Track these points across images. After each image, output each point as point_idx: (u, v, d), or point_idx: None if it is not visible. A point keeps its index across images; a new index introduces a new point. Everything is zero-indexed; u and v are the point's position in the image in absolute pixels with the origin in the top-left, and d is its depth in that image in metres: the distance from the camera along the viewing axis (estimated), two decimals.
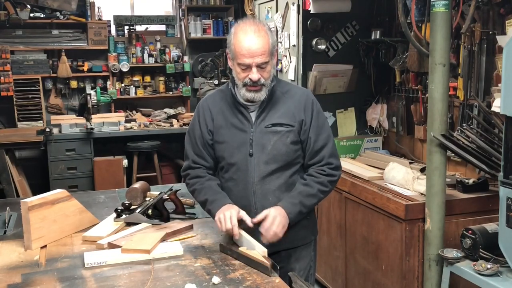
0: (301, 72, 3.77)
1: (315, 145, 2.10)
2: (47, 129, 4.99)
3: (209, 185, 2.13)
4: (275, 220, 1.97)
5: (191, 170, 2.19)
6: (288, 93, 2.13)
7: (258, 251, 1.87)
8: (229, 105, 2.13)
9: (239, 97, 2.09)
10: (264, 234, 1.97)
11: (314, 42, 3.74)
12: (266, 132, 2.08)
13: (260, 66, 1.99)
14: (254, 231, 2.00)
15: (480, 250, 2.34)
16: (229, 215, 1.96)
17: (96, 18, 5.87)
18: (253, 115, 2.10)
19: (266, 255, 1.87)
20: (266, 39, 1.98)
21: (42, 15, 5.67)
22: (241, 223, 2.01)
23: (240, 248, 1.93)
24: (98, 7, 5.91)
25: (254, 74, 1.98)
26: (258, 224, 2.00)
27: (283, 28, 4.03)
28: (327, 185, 2.10)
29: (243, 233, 2.00)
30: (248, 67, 1.99)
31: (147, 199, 2.54)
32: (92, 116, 5.45)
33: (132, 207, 2.38)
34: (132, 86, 6.06)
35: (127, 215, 2.32)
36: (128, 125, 5.59)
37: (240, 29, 2.00)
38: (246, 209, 2.08)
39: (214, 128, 2.14)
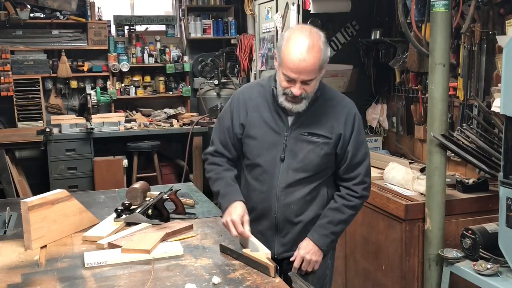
0: None
1: (353, 160, 2.03)
2: (47, 129, 4.99)
3: (223, 176, 2.09)
4: (309, 262, 2.05)
5: (211, 156, 2.15)
6: (331, 101, 2.04)
7: (262, 253, 1.87)
8: (267, 103, 2.05)
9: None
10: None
11: None
12: (300, 140, 2.01)
13: (305, 82, 1.90)
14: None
15: (480, 250, 2.34)
16: (232, 223, 1.95)
17: (96, 18, 5.87)
18: (290, 119, 2.02)
19: (270, 257, 1.87)
20: (317, 56, 1.86)
21: (42, 15, 5.67)
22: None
23: (244, 250, 1.93)
24: (98, 7, 5.91)
25: (297, 90, 1.90)
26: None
27: (283, 28, 4.02)
28: (358, 207, 2.07)
29: (252, 238, 1.99)
30: (292, 80, 1.89)
31: (147, 199, 2.54)
32: (92, 116, 5.44)
33: (132, 207, 2.38)
34: (132, 86, 6.06)
35: (127, 215, 2.32)
36: (128, 125, 5.59)
37: (294, 38, 1.88)
38: (265, 211, 2.08)
39: (247, 123, 2.06)
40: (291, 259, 2.06)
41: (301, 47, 1.85)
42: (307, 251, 2.04)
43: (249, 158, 2.10)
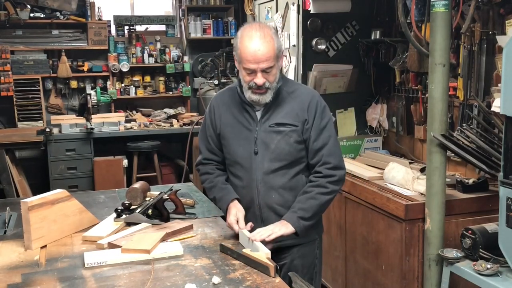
0: (301, 72, 3.77)
1: (315, 145, 2.13)
2: (47, 129, 4.98)
3: (215, 183, 2.24)
4: (267, 228, 2.04)
5: (202, 166, 2.32)
6: (294, 93, 2.17)
7: (262, 253, 1.87)
8: (236, 104, 2.19)
9: (245, 97, 2.13)
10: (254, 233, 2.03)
11: (314, 42, 3.74)
12: (270, 131, 2.13)
13: (265, 71, 2.02)
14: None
15: (480, 250, 2.34)
16: (230, 222, 2.11)
17: (96, 18, 5.87)
18: (258, 114, 2.15)
19: (270, 257, 1.87)
20: (271, 44, 2.00)
21: (42, 15, 5.67)
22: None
23: (244, 250, 1.93)
24: (98, 7, 5.91)
25: (259, 79, 2.03)
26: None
27: (283, 28, 4.03)
28: (327, 186, 2.11)
29: (248, 234, 2.00)
30: (253, 72, 2.03)
31: (147, 199, 2.54)
32: (92, 116, 5.45)
33: (132, 207, 2.38)
34: (132, 86, 6.05)
35: (127, 215, 2.33)
36: (128, 125, 5.59)
37: (246, 33, 2.03)
38: (249, 205, 2.17)
39: (221, 125, 2.21)
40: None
41: (254, 39, 2.00)
42: (272, 224, 2.08)
43: (228, 158, 2.23)
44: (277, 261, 1.98)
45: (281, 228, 2.04)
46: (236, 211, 2.13)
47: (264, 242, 1.97)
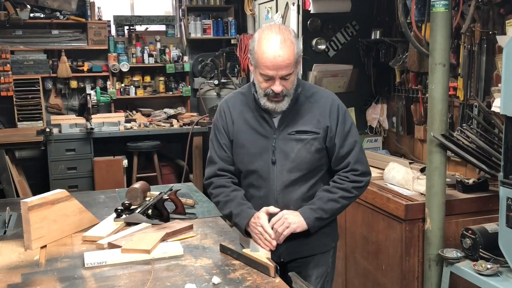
0: (301, 72, 3.77)
1: (340, 151, 2.02)
2: (47, 129, 4.98)
3: (233, 197, 2.03)
4: (283, 217, 1.95)
5: (216, 178, 2.09)
6: (313, 97, 2.05)
7: (262, 253, 1.87)
8: (250, 109, 2.05)
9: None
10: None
11: (314, 42, 3.74)
12: (289, 139, 2.00)
13: (283, 78, 1.90)
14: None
15: (480, 250, 2.34)
16: (262, 229, 1.93)
17: (96, 18, 5.86)
18: (275, 121, 2.02)
19: (270, 257, 1.87)
20: (291, 50, 1.87)
21: (42, 15, 5.67)
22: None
23: (244, 250, 1.93)
24: (98, 7, 5.91)
25: (277, 87, 1.90)
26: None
27: None
28: (351, 191, 2.03)
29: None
30: (270, 78, 1.90)
31: (147, 199, 2.55)
32: (92, 116, 5.45)
33: (132, 207, 2.38)
34: (132, 86, 6.05)
35: (127, 215, 2.33)
36: (128, 125, 5.58)
37: (264, 37, 1.89)
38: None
39: (234, 132, 2.07)
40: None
41: (273, 43, 1.87)
42: (289, 213, 1.98)
43: (241, 167, 2.08)
44: (291, 270, 1.95)
45: (297, 225, 1.95)
46: (263, 214, 1.96)
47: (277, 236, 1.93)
